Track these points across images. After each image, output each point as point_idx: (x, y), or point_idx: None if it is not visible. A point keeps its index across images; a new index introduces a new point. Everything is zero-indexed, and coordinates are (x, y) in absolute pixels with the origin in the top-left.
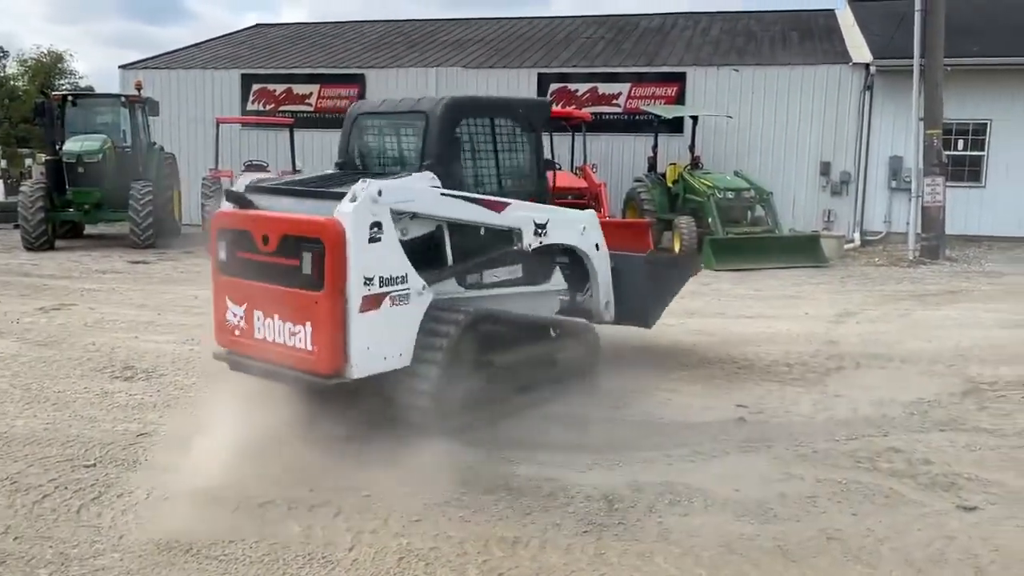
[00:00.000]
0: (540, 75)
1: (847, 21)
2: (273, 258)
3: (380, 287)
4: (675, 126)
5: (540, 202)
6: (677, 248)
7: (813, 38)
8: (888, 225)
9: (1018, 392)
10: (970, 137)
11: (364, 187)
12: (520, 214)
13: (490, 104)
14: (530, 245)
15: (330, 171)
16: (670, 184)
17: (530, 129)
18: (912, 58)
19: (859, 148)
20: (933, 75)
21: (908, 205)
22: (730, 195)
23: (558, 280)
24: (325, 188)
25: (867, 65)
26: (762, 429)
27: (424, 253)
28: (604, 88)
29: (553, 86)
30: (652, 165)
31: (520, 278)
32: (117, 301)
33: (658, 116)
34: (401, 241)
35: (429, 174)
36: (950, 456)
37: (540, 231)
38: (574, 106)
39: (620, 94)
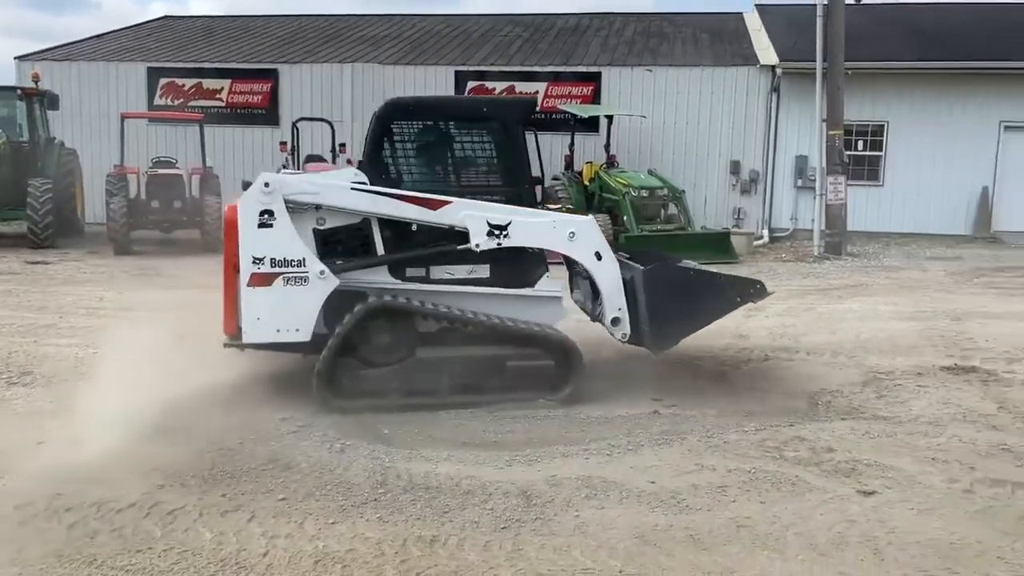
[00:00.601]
0: (457, 73)
1: (754, 25)
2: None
3: (271, 267)
4: (591, 125)
5: (523, 203)
6: None
7: (723, 40)
8: (795, 222)
9: (912, 381)
10: (869, 138)
11: (258, 178)
12: (466, 213)
13: (440, 105)
14: (478, 245)
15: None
16: (587, 183)
17: (503, 129)
18: (815, 61)
19: (767, 148)
20: (834, 78)
21: (813, 203)
22: (644, 193)
23: (548, 286)
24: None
25: (773, 67)
26: (676, 422)
27: (350, 243)
28: (521, 87)
29: (470, 84)
30: (569, 164)
31: (487, 279)
32: (14, 304)
33: (575, 115)
34: (319, 230)
35: (353, 170)
36: (851, 443)
37: (498, 232)
38: None
39: (537, 93)
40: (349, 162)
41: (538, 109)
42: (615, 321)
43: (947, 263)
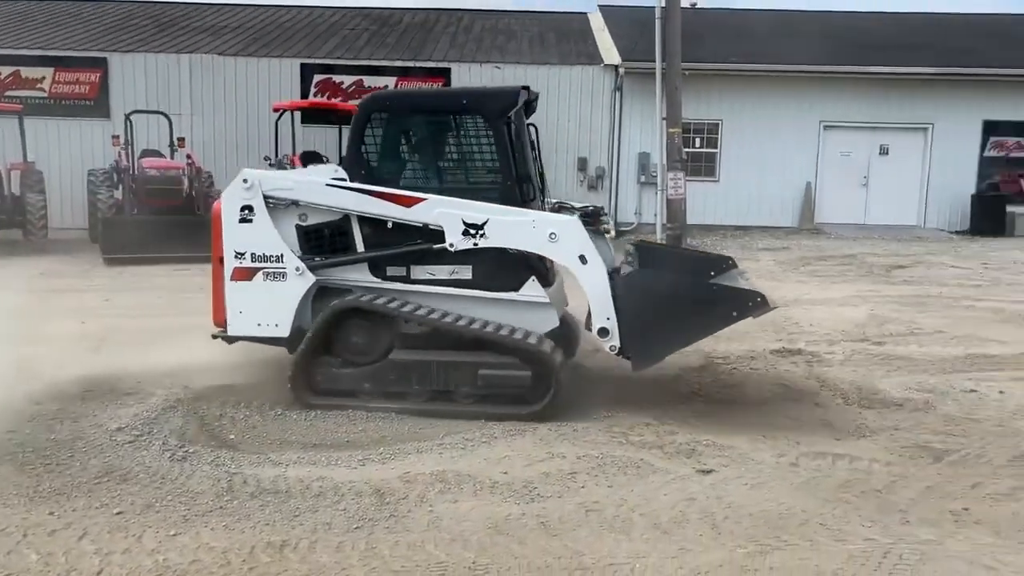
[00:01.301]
0: (303, 65)
1: (598, 25)
2: None
3: (252, 262)
4: None
5: (507, 201)
6: None
7: (568, 40)
8: (639, 217)
9: (746, 364)
10: (706, 135)
11: (239, 174)
12: (441, 211)
13: (420, 98)
14: (452, 245)
15: None
16: None
17: (487, 122)
18: (655, 62)
19: (612, 145)
20: (672, 78)
21: (655, 198)
22: None
23: (533, 290)
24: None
25: (617, 67)
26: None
27: (330, 240)
28: (370, 81)
29: (317, 77)
30: None
31: (468, 280)
32: None
33: None
34: (301, 226)
35: (333, 166)
36: (692, 425)
37: (474, 231)
38: (340, 98)
39: (386, 87)
40: (189, 157)
41: None
42: (602, 332)
43: (776, 253)
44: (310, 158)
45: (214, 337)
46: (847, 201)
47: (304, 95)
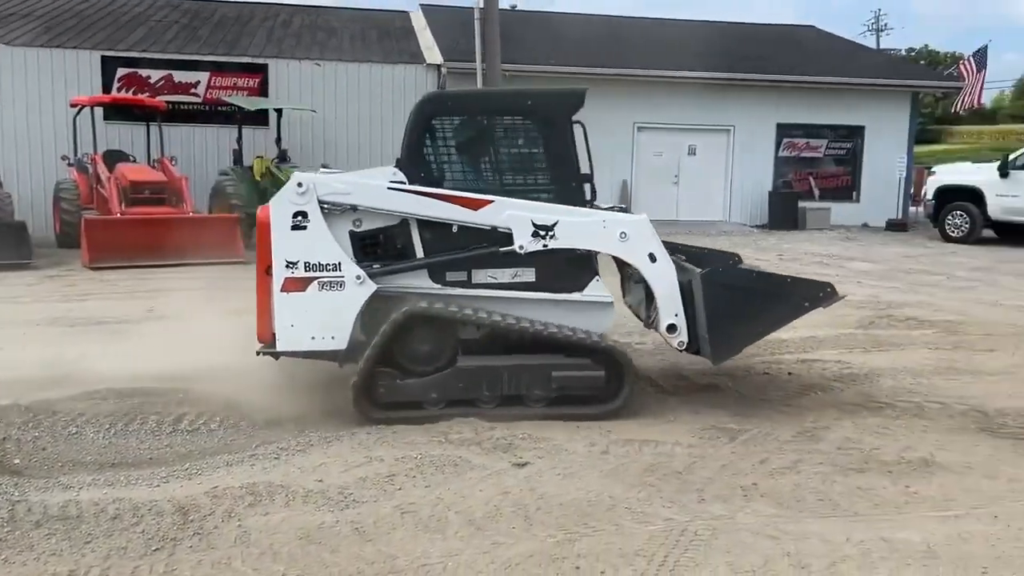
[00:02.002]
0: (104, 58)
1: (420, 23)
2: None
3: (306, 271)
4: (260, 118)
5: (570, 202)
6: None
7: (390, 38)
8: None
9: None
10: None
11: (291, 178)
12: (510, 213)
13: (482, 98)
14: (522, 247)
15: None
16: (257, 178)
17: (547, 124)
18: (476, 62)
19: None
20: (493, 79)
21: None
22: None
23: (596, 291)
24: None
25: (439, 66)
26: (349, 418)
27: (386, 246)
28: (181, 76)
29: (121, 71)
30: (238, 158)
31: (532, 283)
32: None
33: (241, 108)
34: (355, 232)
35: (392, 169)
36: (509, 420)
37: (544, 233)
38: (147, 93)
39: (199, 83)
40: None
41: (201, 101)
42: (671, 328)
43: None
44: (115, 157)
45: (259, 354)
46: (660, 198)
47: (107, 90)
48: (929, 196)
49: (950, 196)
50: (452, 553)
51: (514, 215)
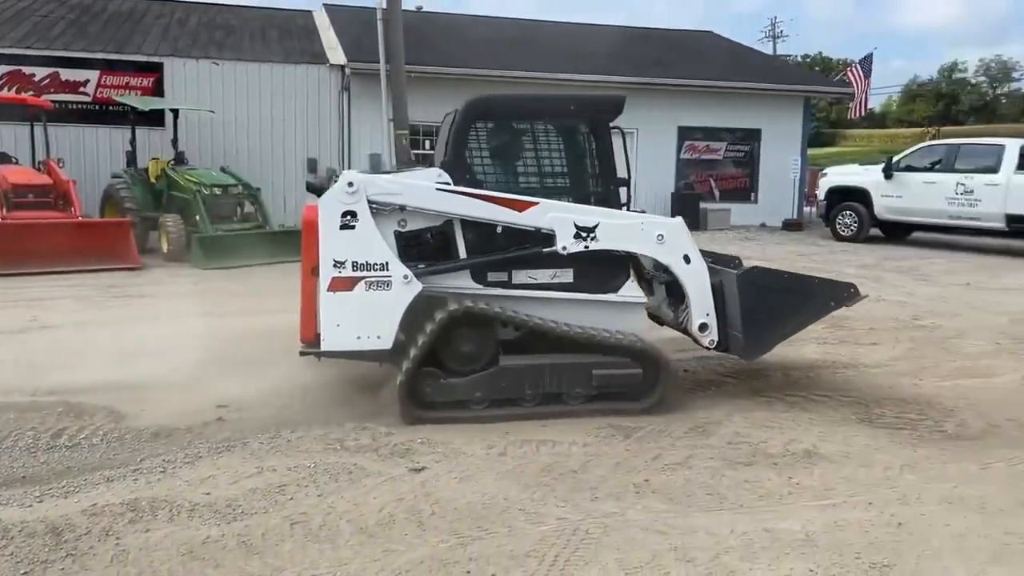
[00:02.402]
0: None
1: (323, 23)
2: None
3: (353, 271)
4: (155, 119)
5: (608, 205)
6: (165, 247)
7: (292, 37)
8: None
9: None
10: (435, 137)
11: (340, 178)
12: (554, 215)
13: (526, 102)
14: (565, 248)
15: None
16: (153, 180)
17: (590, 128)
18: (379, 63)
19: (342, 146)
20: (398, 80)
21: None
22: (217, 191)
23: (631, 291)
24: None
25: (343, 67)
26: (241, 427)
27: (431, 246)
28: (68, 74)
29: (2, 68)
30: (132, 160)
31: (569, 283)
32: None
33: (134, 108)
34: (400, 232)
35: (437, 171)
36: (407, 425)
37: (585, 235)
38: (31, 92)
39: (88, 82)
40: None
41: (91, 100)
42: (703, 327)
43: None
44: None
45: (302, 354)
46: None
47: None
48: (821, 197)
49: (840, 197)
50: (342, 563)
51: (557, 217)
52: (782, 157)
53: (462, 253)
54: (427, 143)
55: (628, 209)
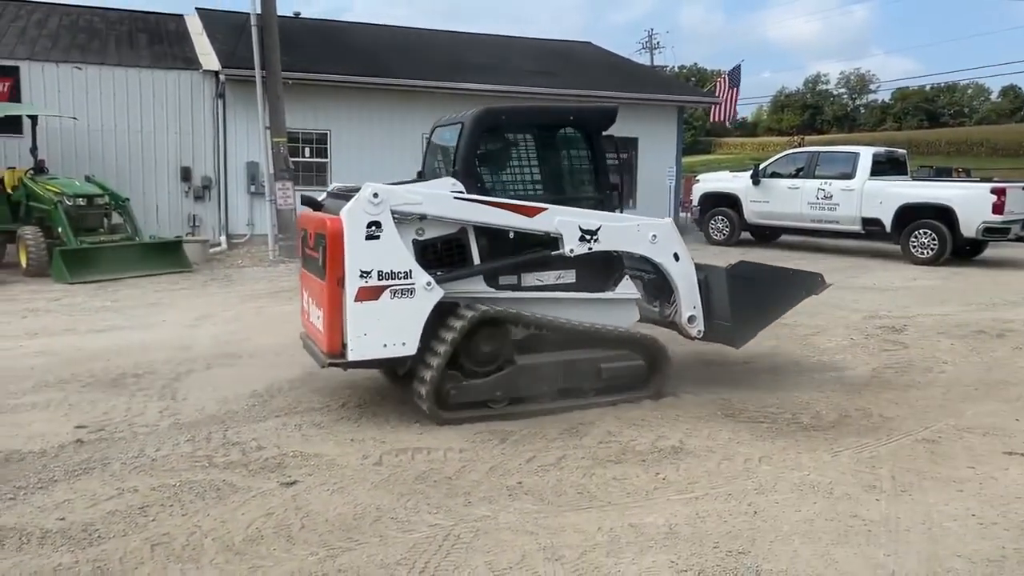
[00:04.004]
0: None
1: (195, 28)
2: (312, 252)
3: (379, 280)
4: (12, 126)
5: (604, 209)
6: (24, 262)
7: (163, 42)
8: (252, 228)
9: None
10: (315, 145)
11: (364, 189)
12: (560, 219)
13: (531, 113)
14: (572, 251)
15: (409, 179)
16: (10, 191)
17: (586, 137)
18: (254, 69)
19: (218, 154)
20: (274, 87)
21: (265, 208)
22: (81, 202)
23: (627, 288)
24: None
25: (217, 73)
26: (102, 447)
27: (447, 253)
28: None
29: None
30: None
31: (572, 284)
32: None
33: None
34: (418, 241)
35: (451, 180)
36: (281, 439)
37: (589, 237)
38: None
39: None
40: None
41: None
42: (691, 319)
43: None
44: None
45: (325, 366)
46: None
47: None
48: (695, 202)
49: (713, 202)
50: None
51: (564, 221)
52: (659, 164)
53: (476, 259)
54: (306, 150)
55: (621, 212)
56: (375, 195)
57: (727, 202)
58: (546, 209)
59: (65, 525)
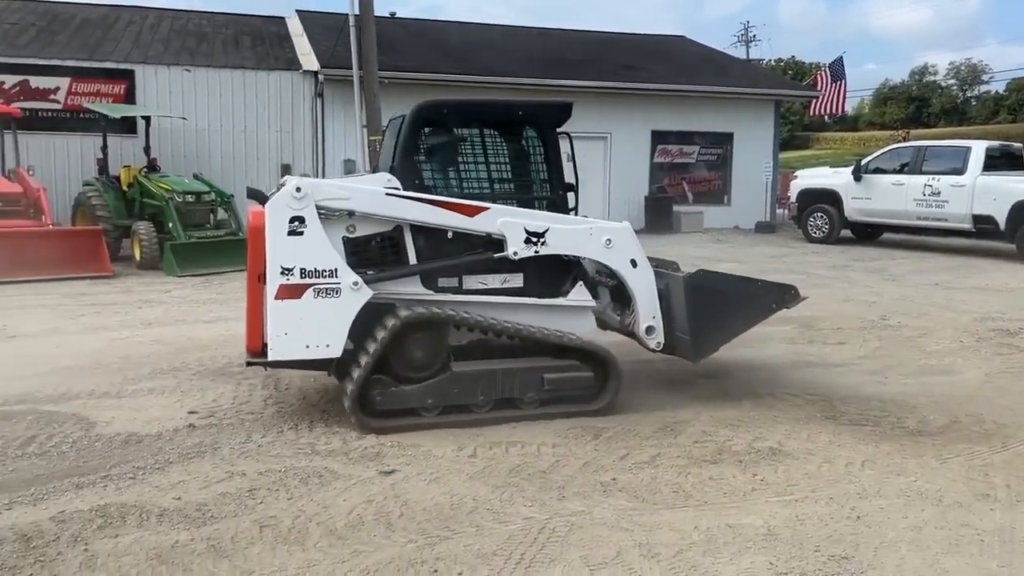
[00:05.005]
0: None
1: (296, 30)
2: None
3: (301, 278)
4: (127, 126)
5: (557, 210)
6: (138, 256)
7: (265, 44)
8: None
9: None
10: None
11: (287, 183)
12: (503, 220)
13: (475, 107)
14: (516, 253)
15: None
16: (125, 188)
17: (539, 134)
18: (352, 69)
19: (316, 152)
20: (371, 85)
21: None
22: (190, 199)
23: (580, 295)
24: None
25: (316, 73)
26: (212, 432)
27: (380, 252)
28: (38, 82)
29: None
30: (103, 168)
31: (520, 288)
32: None
33: (105, 115)
34: (349, 238)
35: (387, 175)
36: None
37: (535, 240)
38: (1, 100)
39: (59, 89)
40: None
41: (61, 107)
42: (649, 330)
43: None
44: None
45: (249, 364)
46: None
47: None
48: (792, 199)
49: (811, 199)
50: (311, 564)
51: (508, 222)
52: (754, 160)
53: (412, 259)
54: None
55: (576, 214)
56: (298, 189)
57: (827, 199)
58: (487, 209)
59: (181, 504)
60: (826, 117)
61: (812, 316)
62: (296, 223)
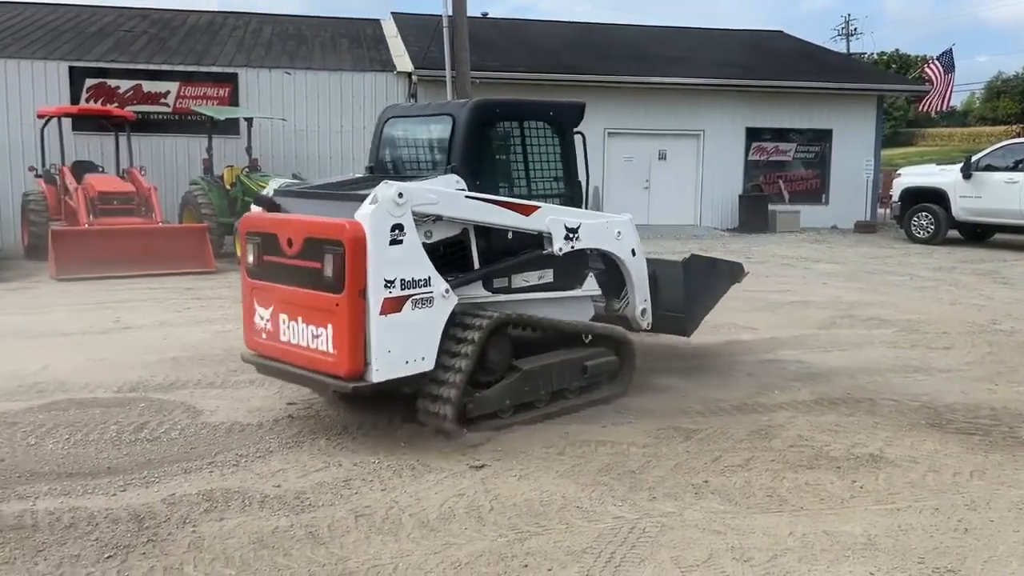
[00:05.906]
0: (72, 68)
1: (391, 31)
2: (297, 261)
3: (402, 289)
4: (230, 128)
5: (575, 206)
6: (239, 251)
7: (361, 46)
8: None
9: None
10: None
11: (385, 189)
12: (551, 218)
13: (520, 106)
14: (560, 249)
15: (359, 175)
16: (228, 187)
17: (561, 132)
18: (445, 69)
19: None
20: (463, 86)
21: None
22: None
23: (591, 285)
24: (350, 191)
25: (410, 74)
26: (310, 424)
27: (449, 256)
28: (150, 86)
29: (89, 81)
30: (208, 167)
31: (551, 283)
32: None
33: (210, 117)
34: (425, 244)
35: (454, 177)
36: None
37: (572, 235)
38: (116, 104)
39: (169, 93)
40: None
41: (171, 110)
42: (643, 312)
43: None
44: (83, 167)
45: (345, 394)
46: (631, 203)
47: (75, 100)
48: (895, 198)
49: (915, 198)
50: (404, 554)
51: (555, 219)
52: (854, 158)
53: (475, 261)
54: None
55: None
56: (400, 195)
57: (933, 197)
58: (539, 208)
59: (281, 492)
60: (932, 113)
61: (915, 319)
62: (396, 231)
